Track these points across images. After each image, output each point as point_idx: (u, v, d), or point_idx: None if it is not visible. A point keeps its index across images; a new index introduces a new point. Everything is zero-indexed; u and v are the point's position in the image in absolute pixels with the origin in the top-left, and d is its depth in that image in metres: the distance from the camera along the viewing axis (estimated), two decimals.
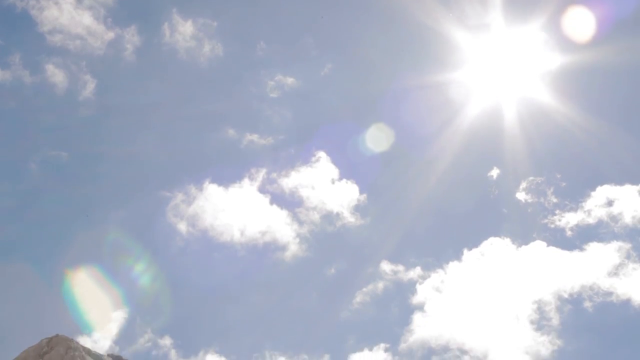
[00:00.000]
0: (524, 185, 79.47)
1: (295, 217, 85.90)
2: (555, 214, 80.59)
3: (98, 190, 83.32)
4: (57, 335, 21.09)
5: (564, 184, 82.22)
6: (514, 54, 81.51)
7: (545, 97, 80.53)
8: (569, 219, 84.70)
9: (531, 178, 77.83)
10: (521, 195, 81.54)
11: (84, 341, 28.70)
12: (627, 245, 76.95)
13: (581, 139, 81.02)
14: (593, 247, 78.62)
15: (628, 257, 75.75)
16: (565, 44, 77.42)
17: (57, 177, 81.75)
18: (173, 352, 71.60)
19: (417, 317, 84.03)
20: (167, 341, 75.86)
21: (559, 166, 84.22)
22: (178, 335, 77.76)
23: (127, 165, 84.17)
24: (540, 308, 76.42)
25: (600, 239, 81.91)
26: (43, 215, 79.70)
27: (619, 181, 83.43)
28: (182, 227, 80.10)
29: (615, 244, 78.56)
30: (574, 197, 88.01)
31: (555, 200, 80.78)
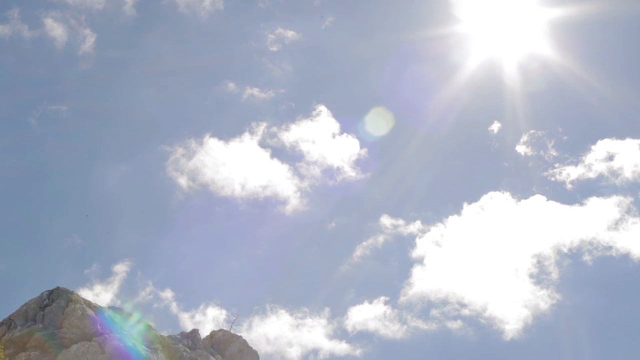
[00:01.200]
0: (524, 139, 79.20)
1: (296, 172, 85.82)
2: (555, 168, 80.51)
3: (98, 145, 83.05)
4: (58, 288, 21.03)
5: (565, 137, 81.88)
6: (514, 6, 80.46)
7: (546, 49, 79.72)
8: (570, 173, 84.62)
9: (532, 131, 77.48)
10: (521, 149, 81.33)
11: (86, 294, 28.77)
12: (627, 200, 76.99)
13: (582, 92, 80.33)
14: (593, 201, 78.60)
15: (628, 211, 75.80)
16: None
17: (57, 131, 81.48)
18: (174, 305, 72.17)
19: (416, 271, 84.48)
20: (168, 294, 76.44)
21: (560, 120, 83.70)
22: (179, 289, 78.33)
23: (127, 120, 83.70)
24: (539, 262, 76.76)
25: (601, 194, 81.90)
26: (43, 170, 79.68)
27: (620, 135, 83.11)
28: (183, 181, 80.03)
29: (615, 199, 78.54)
30: (575, 151, 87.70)
31: (555, 154, 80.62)
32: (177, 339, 23.01)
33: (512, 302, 75.74)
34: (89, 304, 21.10)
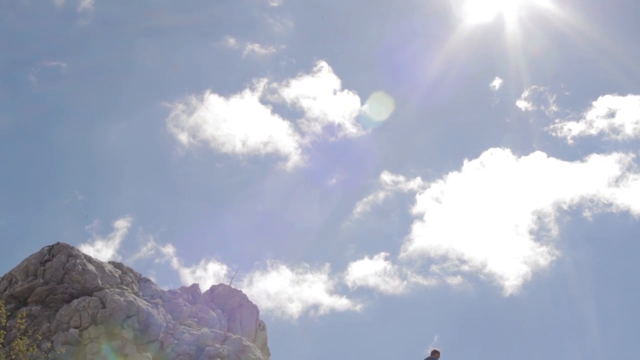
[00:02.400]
0: (525, 94, 78.78)
1: (297, 128, 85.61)
2: (555, 123, 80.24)
3: (98, 101, 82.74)
4: (58, 244, 21.08)
5: (567, 93, 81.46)
6: None
7: (548, 4, 78.85)
8: (570, 128, 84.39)
9: (534, 87, 76.99)
10: (522, 104, 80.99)
11: (87, 250, 28.88)
12: (628, 157, 76.91)
13: (584, 47, 79.70)
14: (594, 158, 78.53)
15: (629, 168, 75.76)
16: None
17: (57, 87, 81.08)
18: (175, 261, 72.63)
19: (416, 227, 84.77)
20: (169, 249, 76.86)
21: (561, 75, 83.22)
22: (180, 244, 78.73)
23: (127, 76, 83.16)
24: (539, 219, 76.98)
25: (601, 150, 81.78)
26: (43, 127, 79.53)
27: (622, 91, 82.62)
28: (183, 137, 79.91)
29: (616, 155, 78.49)
30: (576, 106, 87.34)
31: (555, 109, 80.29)
32: (177, 293, 23.14)
33: (512, 259, 76.07)
34: (89, 259, 21.17)
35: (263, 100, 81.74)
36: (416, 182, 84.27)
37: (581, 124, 79.43)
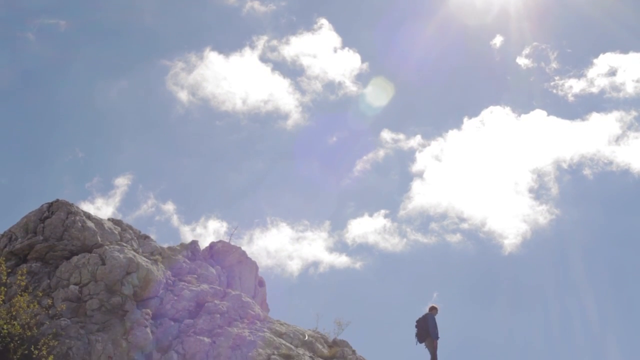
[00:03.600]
0: (526, 51, 78.13)
1: (297, 86, 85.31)
2: (556, 80, 79.78)
3: (96, 59, 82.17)
4: (57, 201, 21.09)
5: (569, 50, 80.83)
6: None
7: None
8: (571, 86, 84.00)
9: (535, 44, 76.31)
10: (522, 61, 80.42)
11: (87, 207, 28.94)
12: (629, 115, 76.64)
13: (586, 3, 79.02)
14: (594, 116, 78.26)
15: (629, 127, 75.63)
16: None
17: (55, 46, 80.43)
18: (175, 218, 72.95)
19: (416, 184, 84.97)
20: (169, 207, 77.06)
21: (563, 33, 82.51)
22: (180, 202, 79.04)
23: (126, 34, 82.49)
24: (539, 177, 77.02)
25: (602, 109, 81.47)
26: (42, 85, 79.09)
27: (624, 49, 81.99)
28: (183, 95, 79.66)
29: (616, 114, 78.19)
30: (577, 64, 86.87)
31: (556, 66, 79.76)
32: (177, 250, 23.25)
33: (511, 217, 76.40)
34: (88, 216, 21.23)
35: (263, 58, 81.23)
36: (416, 140, 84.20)
37: (582, 82, 79.01)
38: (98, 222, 21.22)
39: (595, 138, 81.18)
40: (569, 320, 67.56)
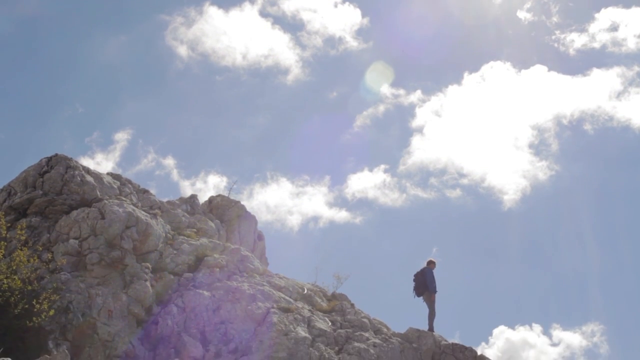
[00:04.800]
0: (527, 4, 77.30)
1: (297, 41, 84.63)
2: (556, 34, 79.01)
3: (95, 14, 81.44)
4: (56, 155, 21.05)
5: (571, 4, 79.90)
6: None
7: None
8: (573, 40, 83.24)
9: None
10: (522, 14, 79.59)
11: (87, 162, 28.94)
12: (630, 71, 76.15)
13: None
14: (595, 72, 77.80)
15: (631, 82, 75.17)
16: None
17: (54, 1, 79.72)
18: (175, 173, 73.06)
19: (416, 140, 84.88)
20: (169, 161, 77.09)
21: None
22: (181, 156, 79.04)
23: None
24: (539, 133, 76.84)
25: (603, 64, 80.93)
26: (42, 39, 78.48)
27: (626, 3, 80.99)
28: (182, 50, 79.14)
29: (617, 69, 77.68)
30: (578, 18, 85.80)
31: (557, 20, 78.90)
32: (176, 204, 23.32)
33: (511, 173, 76.49)
34: (87, 170, 21.23)
35: (263, 13, 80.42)
36: (416, 96, 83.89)
37: (583, 36, 78.19)
38: (97, 176, 21.22)
39: (596, 94, 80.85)
40: (568, 275, 68.08)
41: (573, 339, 67.12)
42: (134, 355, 16.30)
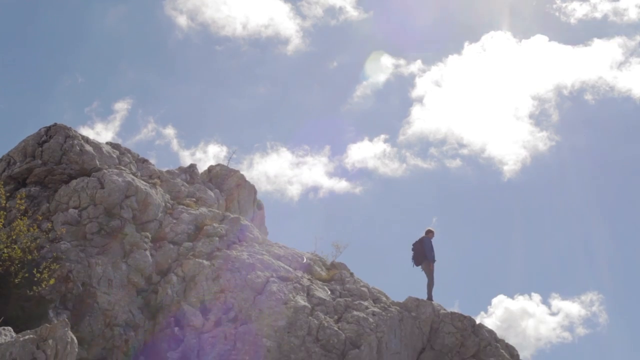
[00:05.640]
0: None
1: (298, 11, 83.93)
2: (556, 3, 78.30)
3: None
4: (55, 124, 20.99)
5: None
6: None
7: None
8: (574, 9, 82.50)
9: None
10: None
11: (87, 132, 28.89)
12: (631, 41, 75.51)
13: None
14: (596, 42, 77.20)
15: (632, 53, 74.62)
16: None
17: None
18: (175, 142, 72.95)
19: (416, 110, 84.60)
20: (170, 131, 76.90)
21: None
22: (181, 126, 78.87)
23: None
24: (540, 104, 76.51)
25: (604, 34, 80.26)
26: (41, 8, 77.87)
27: None
28: (182, 20, 78.55)
29: (619, 40, 77.03)
30: None
31: None
32: (175, 173, 23.31)
33: (511, 143, 76.30)
34: (86, 140, 21.19)
35: None
36: (416, 66, 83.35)
37: (585, 6, 77.48)
38: (96, 145, 21.19)
39: (597, 64, 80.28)
40: (567, 245, 68.25)
41: (572, 308, 67.57)
42: (133, 324, 16.42)
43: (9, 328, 11.15)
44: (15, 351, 10.40)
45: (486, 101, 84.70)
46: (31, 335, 10.77)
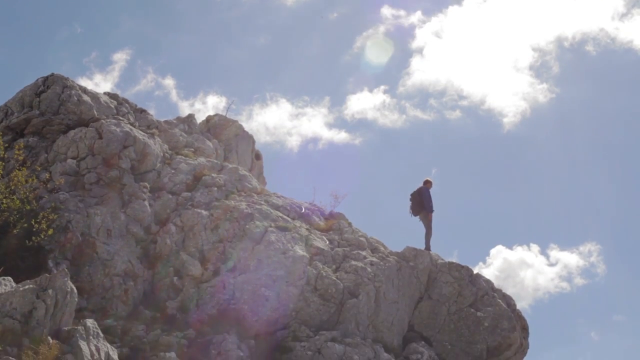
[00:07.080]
0: None
1: None
2: None
3: None
4: (52, 75, 20.85)
5: None
6: None
7: None
8: None
9: None
10: None
11: (86, 83, 28.68)
12: None
13: None
14: None
15: (634, 4, 73.57)
16: None
17: None
18: (174, 93, 72.55)
19: (415, 61, 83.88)
20: (169, 82, 76.39)
21: None
22: (180, 77, 78.33)
23: None
24: (540, 55, 75.75)
25: None
26: None
27: None
28: None
29: None
30: None
31: None
32: (173, 123, 23.23)
33: (511, 95, 75.75)
34: (84, 90, 21.09)
35: None
36: (416, 16, 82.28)
37: None
38: (94, 96, 21.08)
39: (598, 15, 79.22)
40: (565, 197, 68.38)
41: (570, 258, 68.11)
42: (133, 274, 16.55)
43: (9, 278, 11.24)
44: (15, 301, 10.51)
45: (486, 52, 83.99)
46: (31, 285, 10.87)
